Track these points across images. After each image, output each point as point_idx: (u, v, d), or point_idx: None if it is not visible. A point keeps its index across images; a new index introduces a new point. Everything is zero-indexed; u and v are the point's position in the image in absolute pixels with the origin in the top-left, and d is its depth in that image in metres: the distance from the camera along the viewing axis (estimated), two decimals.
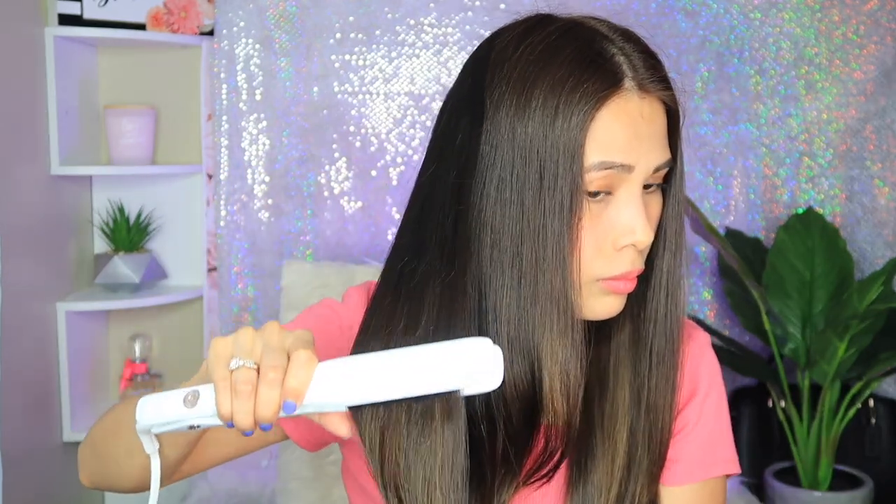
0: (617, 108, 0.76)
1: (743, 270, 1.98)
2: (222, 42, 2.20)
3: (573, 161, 0.74)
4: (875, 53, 2.36)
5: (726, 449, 0.90)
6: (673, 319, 0.85)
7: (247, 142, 2.23)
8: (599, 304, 0.80)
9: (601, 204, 0.77)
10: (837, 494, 2.08)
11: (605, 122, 0.75)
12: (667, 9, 2.32)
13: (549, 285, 0.76)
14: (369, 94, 2.25)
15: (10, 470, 1.73)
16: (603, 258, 0.78)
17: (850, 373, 2.07)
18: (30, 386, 1.91)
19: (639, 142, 0.76)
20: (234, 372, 0.64)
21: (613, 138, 0.75)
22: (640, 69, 0.77)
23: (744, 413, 2.30)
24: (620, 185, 0.77)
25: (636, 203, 0.77)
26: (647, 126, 0.77)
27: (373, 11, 2.24)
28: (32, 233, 1.92)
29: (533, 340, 0.77)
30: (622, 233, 0.77)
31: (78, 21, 2.07)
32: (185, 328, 2.29)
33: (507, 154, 0.76)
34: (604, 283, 0.79)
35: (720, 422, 0.90)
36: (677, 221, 0.84)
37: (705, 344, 0.93)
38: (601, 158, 0.75)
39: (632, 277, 0.80)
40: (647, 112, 0.77)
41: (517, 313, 0.77)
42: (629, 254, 0.78)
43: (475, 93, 0.79)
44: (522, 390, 0.78)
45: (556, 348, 0.77)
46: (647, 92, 0.77)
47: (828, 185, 2.39)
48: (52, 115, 1.98)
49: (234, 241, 2.23)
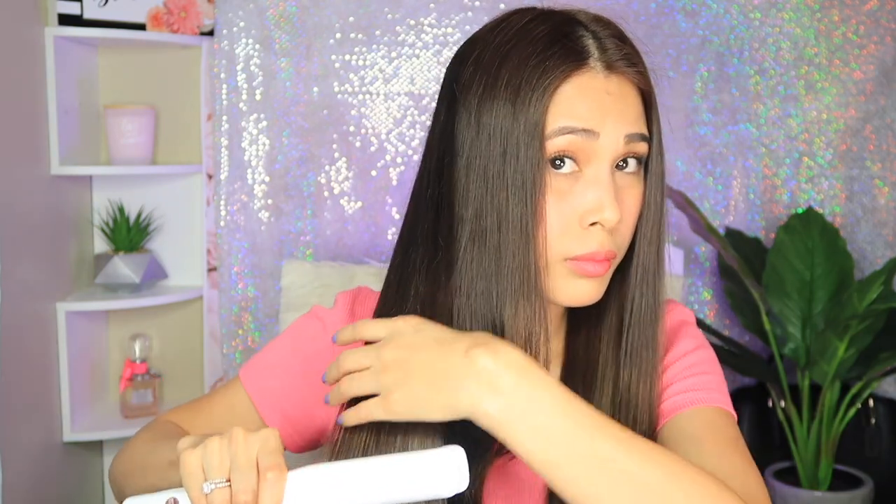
0: (580, 83, 0.76)
1: (743, 270, 1.98)
2: (222, 42, 2.20)
3: (534, 134, 0.75)
4: (875, 53, 2.36)
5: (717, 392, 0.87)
6: (651, 312, 0.84)
7: (247, 142, 2.23)
8: (571, 288, 0.79)
9: (568, 180, 0.77)
10: (837, 494, 2.08)
11: (567, 94, 0.76)
12: (667, 9, 2.32)
13: (512, 260, 0.76)
14: (369, 94, 2.25)
15: (10, 470, 1.73)
16: (570, 236, 0.77)
17: (850, 373, 2.07)
18: (30, 386, 1.91)
19: (603, 113, 0.76)
20: (209, 496, 0.66)
21: (574, 108, 0.76)
22: (610, 50, 0.78)
23: (744, 413, 2.30)
24: (588, 161, 0.77)
25: (604, 180, 0.77)
26: (614, 101, 0.77)
27: (373, 11, 2.24)
28: (32, 233, 1.92)
29: (498, 314, 0.77)
30: (588, 210, 0.77)
31: (78, 21, 2.07)
32: (185, 328, 2.29)
33: (475, 134, 0.77)
34: (571, 262, 0.78)
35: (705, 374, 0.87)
36: (655, 208, 0.83)
37: (688, 322, 0.92)
38: (561, 124, 0.75)
39: (600, 259, 0.78)
40: (613, 89, 0.77)
41: (483, 287, 0.77)
42: (597, 233, 0.77)
43: (449, 80, 0.81)
44: None
45: (519, 319, 0.77)
46: (614, 70, 0.78)
47: (828, 185, 2.39)
48: (52, 115, 1.98)
49: (234, 241, 2.23)
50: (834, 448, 2.10)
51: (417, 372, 0.70)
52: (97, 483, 2.26)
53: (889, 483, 2.22)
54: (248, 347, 2.25)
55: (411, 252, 0.83)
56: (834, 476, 2.13)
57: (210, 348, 2.26)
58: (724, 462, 0.76)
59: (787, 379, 2.11)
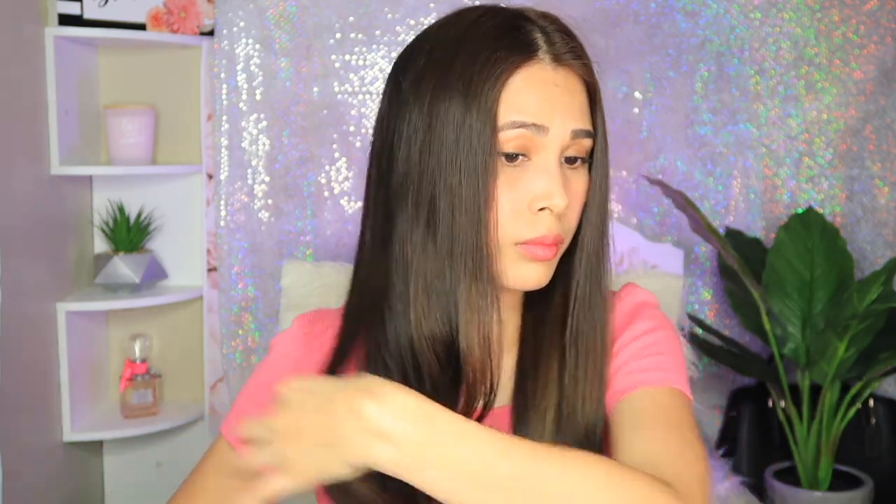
0: (529, 75, 0.80)
1: (743, 270, 1.98)
2: (222, 42, 2.20)
3: (486, 122, 0.78)
4: (875, 53, 2.36)
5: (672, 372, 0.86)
6: (596, 296, 0.86)
7: (247, 142, 2.23)
8: (521, 271, 0.82)
9: (518, 169, 0.81)
10: (837, 494, 2.08)
11: (517, 86, 0.79)
12: (667, 9, 2.32)
13: (464, 242, 0.79)
14: (369, 94, 2.25)
15: (10, 470, 1.73)
16: (520, 221, 0.81)
17: (850, 373, 2.07)
18: (30, 386, 1.91)
19: (552, 106, 0.80)
20: None
21: (525, 101, 0.79)
22: (557, 44, 0.81)
23: (744, 413, 2.30)
24: (537, 152, 0.81)
25: (551, 169, 0.80)
26: (562, 94, 0.81)
27: (373, 11, 2.24)
28: (32, 233, 1.92)
29: (451, 293, 0.80)
30: (536, 196, 0.80)
31: (78, 21, 2.07)
32: (185, 328, 2.29)
33: (426, 120, 0.80)
34: (521, 247, 0.81)
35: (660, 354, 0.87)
36: (601, 197, 0.86)
37: (649, 303, 0.93)
38: (513, 118, 0.79)
39: (548, 243, 0.81)
40: (561, 81, 0.81)
41: (435, 267, 0.81)
42: (546, 218, 0.81)
43: (395, 74, 0.85)
44: (441, 338, 0.81)
45: (472, 299, 0.80)
46: (561, 63, 0.81)
47: (828, 185, 2.39)
48: (52, 115, 1.98)
49: (234, 241, 2.23)
50: (834, 448, 2.10)
51: (308, 435, 0.69)
52: (97, 483, 2.26)
53: (889, 483, 2.22)
54: (248, 347, 2.25)
55: (365, 239, 0.90)
56: (834, 476, 2.13)
57: (210, 348, 2.26)
58: (658, 446, 0.77)
59: (787, 379, 2.11)
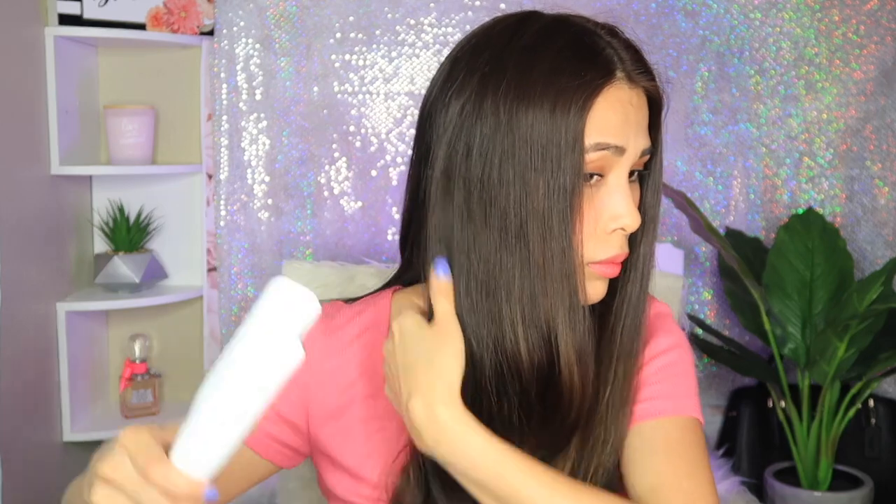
0: (611, 96, 0.79)
1: (743, 270, 1.98)
2: (222, 42, 2.20)
3: (574, 145, 0.77)
4: (875, 53, 2.36)
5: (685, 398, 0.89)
6: (643, 302, 0.88)
7: (247, 142, 2.23)
8: (591, 288, 0.83)
9: (593, 189, 0.81)
10: (837, 494, 2.08)
11: (601, 109, 0.79)
12: (667, 9, 2.32)
13: (556, 265, 0.78)
14: (369, 93, 2.25)
15: (10, 470, 1.73)
16: (595, 241, 0.81)
17: (850, 373, 2.07)
18: (30, 386, 1.90)
19: (628, 126, 0.80)
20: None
21: (608, 123, 0.79)
22: (628, 62, 0.81)
23: (744, 413, 2.30)
24: (611, 170, 0.81)
25: (625, 187, 0.81)
26: (636, 113, 0.81)
27: (373, 11, 2.24)
28: (32, 233, 1.92)
29: (547, 315, 0.80)
30: (612, 217, 0.81)
31: (78, 21, 2.07)
32: (185, 328, 2.29)
33: (507, 137, 0.78)
34: (594, 266, 0.82)
35: (676, 377, 0.90)
36: (655, 209, 0.88)
37: (665, 314, 0.95)
38: (597, 140, 0.79)
39: (618, 262, 0.83)
40: (635, 100, 0.82)
41: (529, 290, 0.79)
42: (618, 238, 0.82)
43: (468, 79, 0.81)
44: (539, 361, 0.81)
45: (571, 321, 0.80)
46: (635, 83, 0.82)
47: (828, 185, 2.39)
48: (52, 115, 1.98)
49: (234, 241, 2.23)
50: (834, 448, 2.10)
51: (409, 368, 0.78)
52: None
53: (889, 483, 2.22)
54: None
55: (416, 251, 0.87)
56: (834, 476, 2.13)
57: (210, 348, 2.26)
58: (668, 478, 0.81)
59: (787, 379, 2.11)
